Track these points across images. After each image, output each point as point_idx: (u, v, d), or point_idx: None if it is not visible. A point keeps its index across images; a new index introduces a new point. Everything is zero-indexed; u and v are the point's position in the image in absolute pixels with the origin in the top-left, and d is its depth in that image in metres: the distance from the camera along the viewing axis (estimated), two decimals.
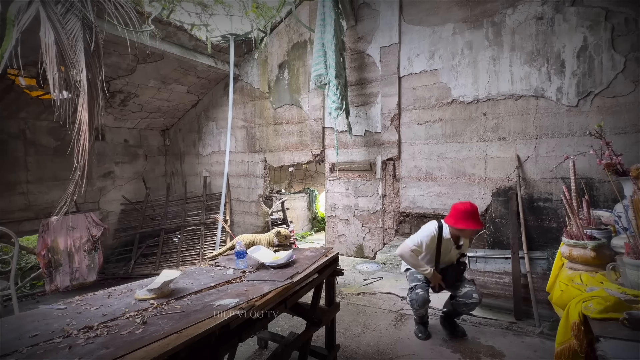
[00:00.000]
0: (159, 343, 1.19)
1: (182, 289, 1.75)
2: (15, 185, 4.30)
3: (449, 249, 2.67)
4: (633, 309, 1.27)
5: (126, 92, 4.79)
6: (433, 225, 2.65)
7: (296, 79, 4.76)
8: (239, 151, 5.37)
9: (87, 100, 2.77)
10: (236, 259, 2.14)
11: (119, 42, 3.50)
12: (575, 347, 1.36)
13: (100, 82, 2.91)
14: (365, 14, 4.11)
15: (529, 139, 3.21)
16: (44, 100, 4.10)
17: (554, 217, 3.12)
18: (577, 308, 1.38)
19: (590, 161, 2.88)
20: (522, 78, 3.22)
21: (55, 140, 4.65)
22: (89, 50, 2.83)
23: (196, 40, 4.50)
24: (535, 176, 3.21)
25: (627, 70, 2.80)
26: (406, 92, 3.86)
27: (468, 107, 3.50)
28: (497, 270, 3.25)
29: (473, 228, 2.44)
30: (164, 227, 5.29)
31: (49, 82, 2.70)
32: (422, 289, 2.60)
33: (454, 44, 3.54)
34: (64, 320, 1.41)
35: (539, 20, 3.12)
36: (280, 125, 4.94)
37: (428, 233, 2.62)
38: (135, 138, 5.76)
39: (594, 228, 2.02)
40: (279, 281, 1.85)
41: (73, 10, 2.85)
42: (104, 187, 5.32)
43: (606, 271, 1.68)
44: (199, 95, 5.62)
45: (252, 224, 5.28)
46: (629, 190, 2.15)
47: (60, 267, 4.17)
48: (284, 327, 2.92)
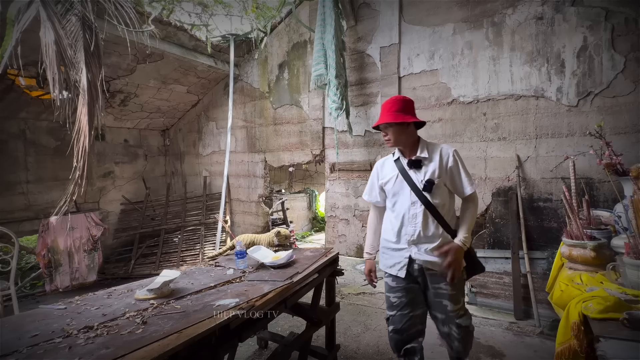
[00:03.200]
0: (159, 343, 1.19)
1: (182, 289, 1.75)
2: (15, 185, 4.30)
3: (394, 175, 1.82)
4: (633, 309, 1.27)
5: (126, 92, 4.79)
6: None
7: (296, 79, 4.76)
8: (239, 151, 5.37)
9: (87, 100, 2.77)
10: (236, 259, 2.14)
11: (119, 42, 3.50)
12: (576, 347, 1.36)
13: (100, 82, 2.91)
14: (365, 14, 4.11)
15: (529, 139, 3.21)
16: (44, 100, 4.10)
17: (554, 217, 3.12)
18: (577, 308, 1.38)
19: (590, 161, 2.88)
20: (522, 78, 3.22)
21: (55, 140, 4.65)
22: (89, 50, 2.83)
23: (196, 40, 4.50)
24: (535, 176, 3.21)
25: (627, 70, 2.79)
26: (406, 92, 3.86)
27: (468, 107, 3.50)
28: (497, 270, 3.26)
29: (382, 122, 1.75)
30: (164, 227, 5.29)
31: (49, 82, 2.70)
32: (400, 323, 1.74)
33: (454, 44, 3.54)
34: (64, 320, 1.41)
35: (539, 20, 3.12)
36: (280, 125, 4.94)
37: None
38: (135, 138, 5.76)
39: (594, 228, 2.02)
40: (279, 281, 1.85)
41: (73, 10, 2.85)
42: (104, 187, 5.32)
43: (606, 271, 1.68)
44: (199, 95, 5.62)
45: (252, 224, 5.28)
46: (629, 190, 2.15)
47: (60, 267, 4.17)
48: (284, 327, 2.92)
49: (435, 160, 1.76)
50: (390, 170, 1.86)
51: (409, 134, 1.79)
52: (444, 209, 1.75)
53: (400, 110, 1.74)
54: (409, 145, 1.82)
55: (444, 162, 1.75)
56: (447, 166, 1.75)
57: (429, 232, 1.73)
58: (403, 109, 1.75)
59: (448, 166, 1.75)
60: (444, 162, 1.75)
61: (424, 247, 1.73)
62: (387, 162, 1.92)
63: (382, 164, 1.94)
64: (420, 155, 1.78)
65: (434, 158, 1.76)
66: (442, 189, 1.76)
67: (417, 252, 1.74)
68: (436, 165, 1.75)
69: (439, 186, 1.74)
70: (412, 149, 1.81)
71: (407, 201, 1.76)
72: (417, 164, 1.78)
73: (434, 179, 1.72)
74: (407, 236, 1.76)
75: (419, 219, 1.72)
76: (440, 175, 1.74)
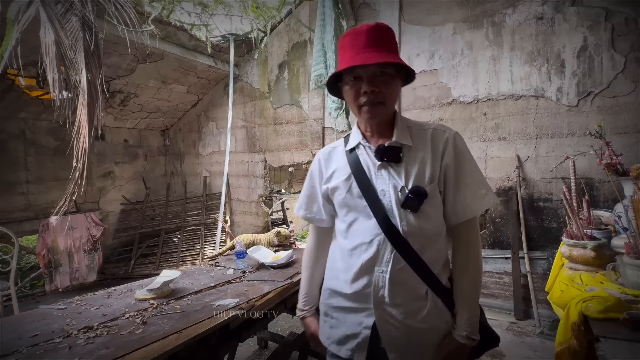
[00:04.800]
0: (159, 343, 1.19)
1: (182, 289, 1.75)
2: (15, 185, 4.30)
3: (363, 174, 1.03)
4: (633, 309, 1.27)
5: (126, 92, 4.79)
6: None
7: (296, 79, 4.76)
8: (239, 151, 5.36)
9: (86, 100, 2.77)
10: (236, 259, 2.14)
11: (119, 42, 3.50)
12: (576, 347, 1.35)
13: (100, 82, 2.91)
14: (365, 14, 4.11)
15: (529, 138, 3.21)
16: (43, 100, 4.10)
17: (554, 217, 3.12)
18: (577, 308, 1.38)
19: (590, 161, 2.88)
20: (522, 78, 3.22)
21: (55, 140, 4.64)
22: (88, 50, 2.83)
23: (196, 40, 4.50)
24: (535, 176, 3.21)
25: (627, 70, 2.79)
26: (406, 92, 3.86)
27: (468, 107, 3.50)
28: (497, 270, 3.26)
29: (372, 60, 0.92)
30: (164, 227, 5.29)
31: (48, 82, 2.70)
32: None
33: (454, 44, 3.54)
34: (64, 320, 1.41)
35: (539, 20, 3.12)
36: (280, 125, 4.94)
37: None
38: (135, 138, 5.75)
39: (594, 228, 2.02)
40: (279, 281, 1.85)
41: (73, 10, 2.85)
42: (104, 187, 5.32)
43: (606, 271, 1.68)
44: (199, 95, 5.62)
45: (252, 224, 5.28)
46: (629, 190, 2.15)
47: (60, 267, 4.17)
48: (284, 327, 2.92)
49: (425, 149, 1.00)
50: (341, 167, 1.08)
51: (396, 97, 1.03)
52: (436, 244, 1.00)
53: (389, 44, 0.98)
54: (383, 121, 1.03)
55: (439, 153, 0.99)
56: (443, 162, 0.99)
57: (406, 291, 0.97)
58: (391, 42, 0.99)
59: (444, 162, 0.99)
60: (439, 154, 0.99)
61: (399, 313, 0.97)
62: (336, 153, 1.13)
63: (328, 156, 1.15)
64: (399, 140, 1.00)
65: (423, 146, 1.00)
66: (437, 205, 1.00)
67: (387, 320, 0.97)
68: (428, 158, 0.99)
69: (433, 198, 0.98)
70: (386, 128, 1.04)
71: (372, 225, 0.98)
72: (392, 155, 0.99)
73: (425, 185, 0.96)
74: (369, 289, 0.98)
75: (391, 265, 0.96)
76: (435, 177, 0.98)
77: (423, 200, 0.95)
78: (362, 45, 0.95)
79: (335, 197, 1.09)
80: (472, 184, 1.00)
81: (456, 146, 1.01)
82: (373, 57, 0.92)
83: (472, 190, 1.00)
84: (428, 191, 0.96)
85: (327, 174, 1.13)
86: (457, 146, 1.01)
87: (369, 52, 0.94)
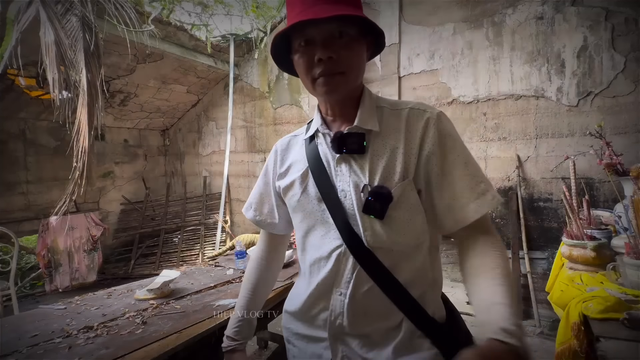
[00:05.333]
0: (159, 343, 1.19)
1: (182, 289, 1.75)
2: (15, 185, 4.30)
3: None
4: (633, 309, 1.27)
5: (126, 92, 4.79)
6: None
7: (296, 79, 4.75)
8: (239, 151, 5.36)
9: (86, 100, 2.77)
10: (236, 259, 2.14)
11: (119, 42, 3.50)
12: (576, 347, 1.35)
13: (100, 82, 2.91)
14: (365, 14, 4.10)
15: (529, 138, 3.21)
16: (43, 100, 4.10)
17: (554, 217, 3.11)
18: (577, 308, 1.38)
19: (590, 161, 2.88)
20: (522, 78, 3.21)
21: (55, 140, 4.64)
22: (88, 50, 2.83)
23: (196, 40, 4.50)
24: (535, 176, 3.21)
25: (627, 70, 2.79)
26: (406, 92, 3.86)
27: (468, 107, 3.50)
28: None
29: (324, 14, 0.70)
30: (164, 227, 5.29)
31: (48, 82, 2.70)
32: None
33: (454, 44, 3.54)
34: (64, 320, 1.41)
35: (539, 20, 3.12)
36: (280, 125, 4.94)
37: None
38: (135, 138, 5.75)
39: (594, 228, 2.02)
40: (278, 281, 1.84)
41: (73, 10, 2.85)
42: (104, 187, 5.32)
43: (606, 271, 1.68)
44: (199, 95, 5.62)
45: (252, 224, 5.27)
46: (629, 190, 2.15)
47: (60, 267, 4.17)
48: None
49: (397, 136, 0.76)
50: (298, 160, 0.86)
51: (361, 66, 0.79)
52: (415, 261, 0.76)
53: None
54: (348, 100, 0.80)
55: (416, 140, 0.75)
56: (424, 150, 0.75)
57: (373, 320, 0.76)
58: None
59: (425, 151, 0.75)
60: (416, 142, 0.75)
61: (360, 346, 0.77)
62: (296, 143, 0.91)
63: (287, 146, 0.93)
64: (362, 124, 0.77)
65: (394, 131, 0.77)
66: (414, 209, 0.75)
67: (345, 355, 0.78)
68: (399, 147, 0.75)
69: (406, 200, 0.74)
70: (351, 108, 0.80)
71: (331, 236, 0.78)
72: (353, 144, 0.76)
73: (394, 183, 0.73)
74: (325, 315, 0.80)
75: (351, 287, 0.75)
76: (410, 172, 0.74)
77: (387, 205, 0.71)
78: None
79: (288, 199, 0.87)
80: (466, 176, 0.74)
81: (441, 130, 0.75)
82: (328, 10, 0.70)
83: (468, 185, 0.74)
84: (394, 193, 0.72)
85: (281, 169, 0.90)
86: (443, 130, 0.75)
87: (323, 4, 0.72)
